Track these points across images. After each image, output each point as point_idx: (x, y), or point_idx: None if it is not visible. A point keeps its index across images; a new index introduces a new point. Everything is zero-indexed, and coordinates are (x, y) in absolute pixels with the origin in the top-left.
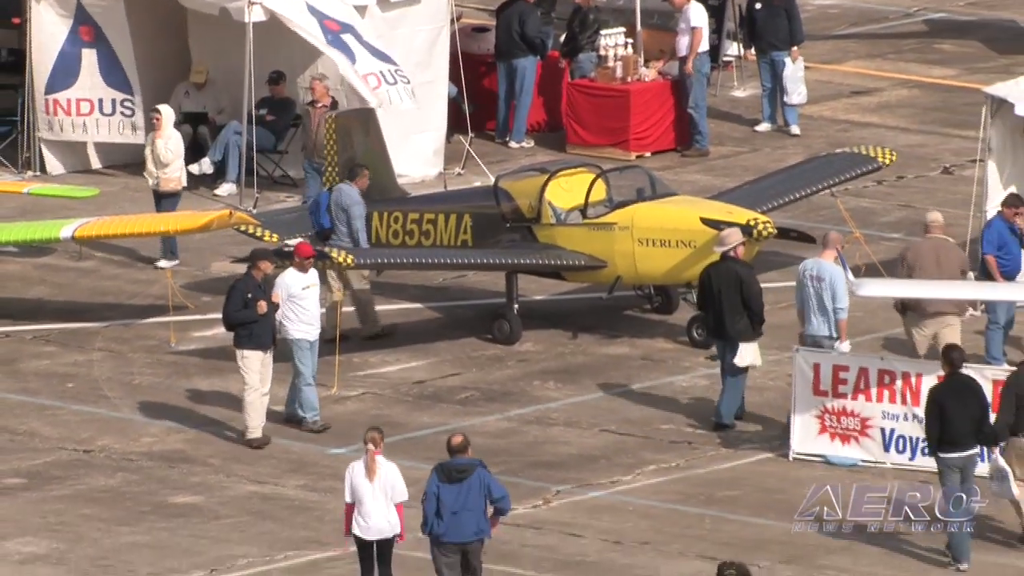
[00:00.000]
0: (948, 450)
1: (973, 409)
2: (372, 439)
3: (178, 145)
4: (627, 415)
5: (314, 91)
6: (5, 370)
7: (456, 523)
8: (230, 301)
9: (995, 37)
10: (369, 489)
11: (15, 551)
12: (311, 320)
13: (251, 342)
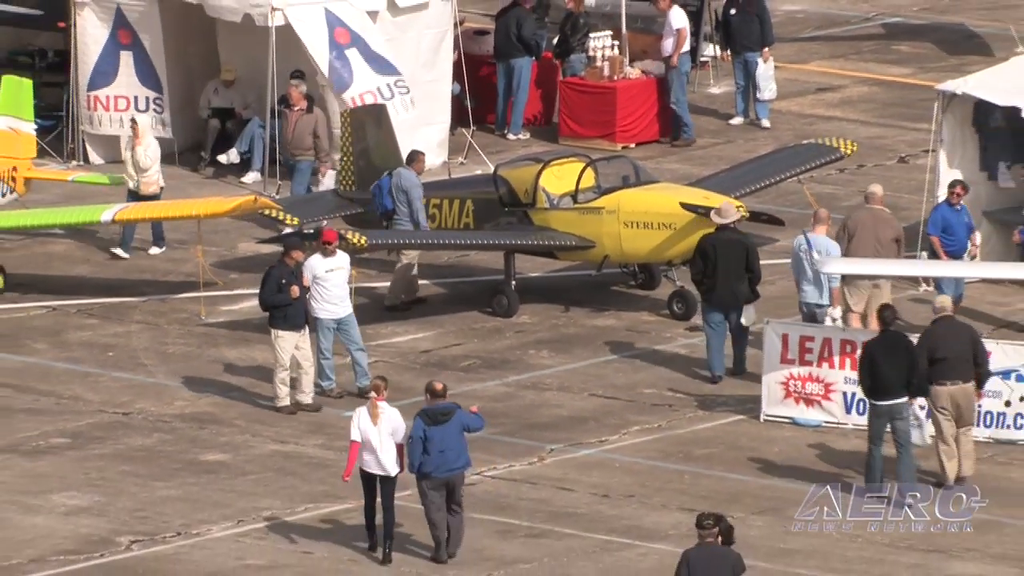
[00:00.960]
0: (879, 398)
1: (902, 362)
2: (376, 386)
3: (156, 152)
4: (614, 381)
5: (290, 95)
6: (52, 340)
7: (443, 459)
8: (266, 286)
9: (946, 39)
10: (374, 431)
11: (61, 504)
12: (335, 300)
13: (285, 323)
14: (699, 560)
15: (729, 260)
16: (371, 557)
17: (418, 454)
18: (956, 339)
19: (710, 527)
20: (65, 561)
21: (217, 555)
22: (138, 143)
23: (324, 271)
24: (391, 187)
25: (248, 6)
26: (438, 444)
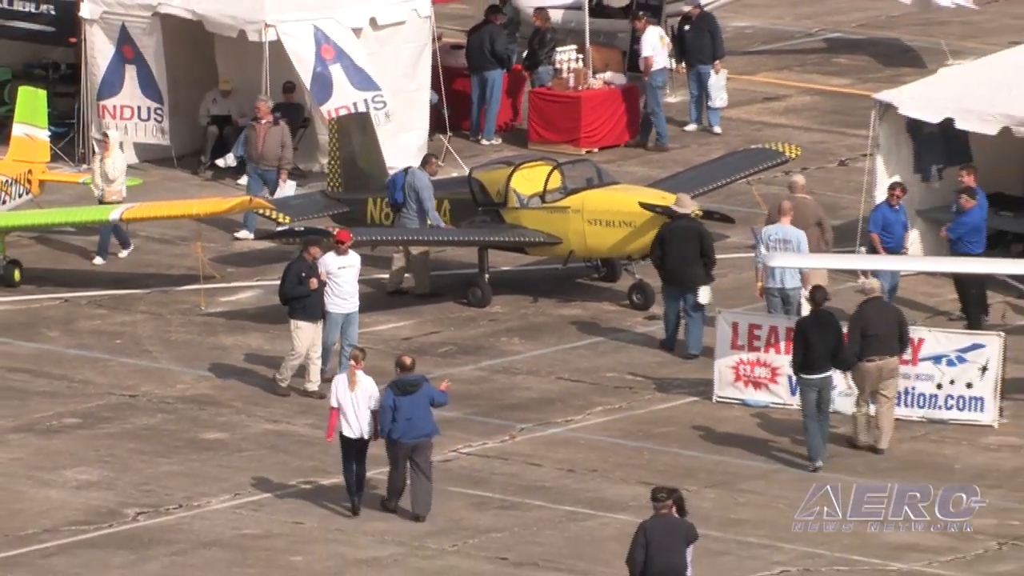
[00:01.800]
0: (809, 372)
1: (831, 339)
2: (354, 356)
3: (122, 164)
4: (578, 365)
5: (259, 110)
6: (64, 329)
7: (410, 426)
8: (286, 279)
9: (883, 52)
10: (351, 397)
11: (73, 479)
12: (345, 296)
13: (304, 314)
14: (655, 529)
15: (685, 246)
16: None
17: (388, 421)
18: (884, 319)
19: (664, 499)
20: (76, 531)
21: (216, 525)
22: (107, 155)
23: (337, 268)
24: (404, 184)
25: (243, 22)
26: (406, 413)
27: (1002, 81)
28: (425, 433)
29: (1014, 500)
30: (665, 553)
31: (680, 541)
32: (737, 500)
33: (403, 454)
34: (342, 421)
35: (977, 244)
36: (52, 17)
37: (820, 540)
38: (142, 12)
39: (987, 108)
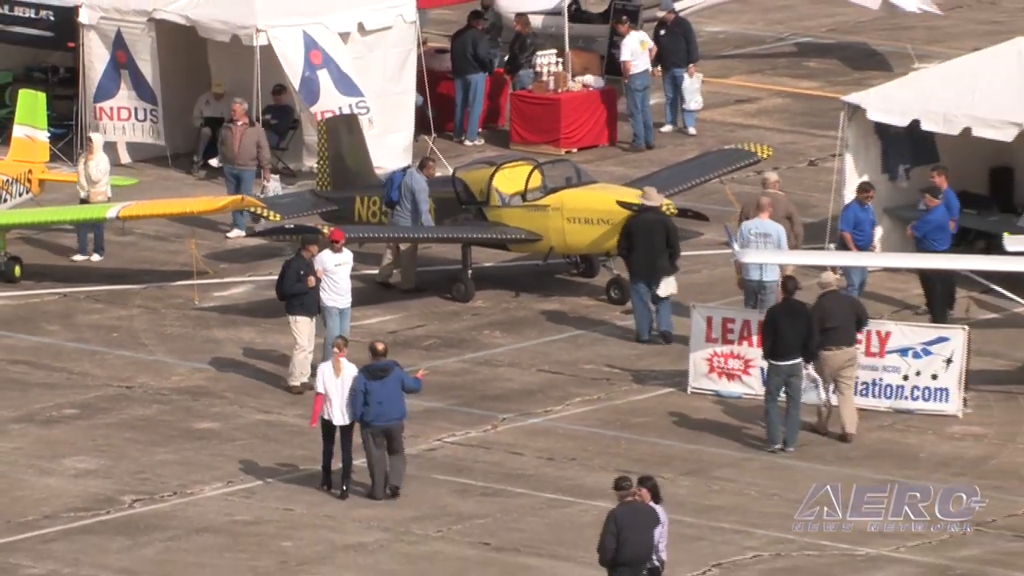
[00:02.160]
0: (779, 358)
1: (800, 327)
2: (338, 344)
3: (106, 166)
4: (558, 358)
5: (235, 112)
6: (63, 323)
7: (381, 410)
8: (285, 277)
9: (851, 56)
10: (335, 383)
11: (71, 467)
12: (341, 292)
13: (302, 310)
14: (624, 516)
15: (652, 238)
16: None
17: (359, 405)
18: (841, 310)
19: (628, 487)
20: (75, 517)
21: (208, 512)
22: (91, 158)
23: (333, 265)
24: (401, 184)
25: (235, 27)
26: (377, 396)
27: (966, 84)
28: (396, 417)
29: (978, 487)
30: (635, 539)
31: (648, 526)
32: (711, 487)
33: (375, 437)
34: (327, 407)
35: (942, 241)
36: (51, 22)
37: (789, 526)
38: (137, 18)
39: (951, 110)
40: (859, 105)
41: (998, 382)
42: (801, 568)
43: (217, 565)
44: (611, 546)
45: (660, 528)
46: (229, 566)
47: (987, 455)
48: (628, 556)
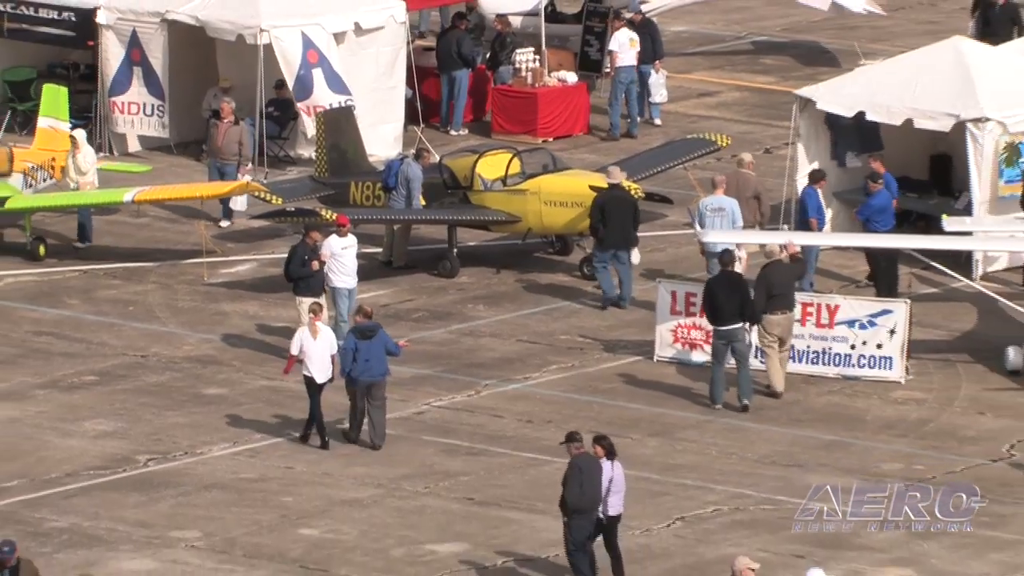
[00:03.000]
0: (720, 324)
1: (737, 296)
2: (313, 310)
3: (92, 159)
4: (536, 329)
5: (222, 109)
6: (83, 297)
7: (367, 367)
8: (292, 261)
9: (803, 54)
10: (314, 344)
11: (91, 429)
12: (348, 273)
13: (308, 291)
14: (585, 464)
15: (623, 211)
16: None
17: (349, 362)
18: (784, 278)
19: (579, 439)
20: (95, 475)
21: (216, 470)
22: (78, 152)
23: (340, 248)
24: (398, 171)
25: (241, 28)
26: (364, 355)
27: (907, 79)
28: (380, 373)
29: (918, 447)
30: (592, 486)
31: (599, 478)
32: (675, 447)
33: (361, 391)
34: (307, 365)
35: (884, 223)
36: (72, 23)
37: (748, 483)
38: (151, 18)
39: (894, 102)
40: (810, 98)
41: (937, 351)
42: (758, 521)
43: (224, 518)
44: (576, 492)
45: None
46: (235, 519)
47: (927, 418)
48: (586, 503)
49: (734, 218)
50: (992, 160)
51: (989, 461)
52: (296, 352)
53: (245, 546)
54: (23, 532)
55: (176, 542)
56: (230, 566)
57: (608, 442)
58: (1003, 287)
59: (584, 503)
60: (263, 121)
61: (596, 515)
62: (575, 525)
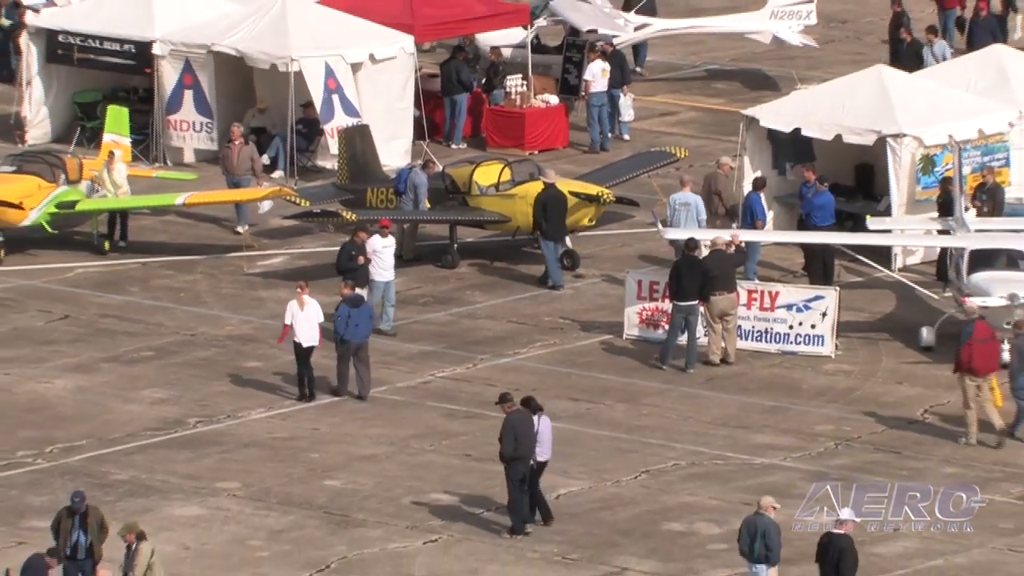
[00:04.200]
0: (681, 300)
1: (697, 277)
2: (300, 285)
3: (125, 173)
4: (523, 311)
5: (232, 134)
6: (141, 286)
7: (356, 331)
8: (341, 256)
9: (749, 79)
10: (301, 315)
11: (148, 396)
12: (386, 268)
13: (353, 282)
14: (517, 421)
15: (559, 207)
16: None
17: (342, 327)
18: (725, 265)
19: (510, 399)
20: (151, 435)
21: (254, 431)
22: (113, 168)
23: (381, 247)
24: (407, 179)
25: (274, 57)
26: (354, 320)
27: (836, 101)
28: (365, 335)
29: (846, 412)
30: (525, 437)
31: (532, 430)
32: (641, 411)
33: (350, 351)
34: (295, 332)
35: (825, 219)
36: (132, 53)
37: (703, 441)
38: (200, 50)
39: (825, 120)
40: (754, 117)
41: (862, 331)
42: (711, 473)
43: (260, 472)
44: (511, 445)
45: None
46: (269, 472)
47: (853, 387)
48: (522, 452)
49: (698, 211)
50: (909, 169)
51: (906, 423)
52: (289, 321)
53: (278, 495)
54: (91, 484)
55: (219, 491)
56: (265, 512)
57: (534, 401)
58: (919, 276)
59: (519, 452)
60: (293, 136)
61: (530, 462)
62: (512, 470)
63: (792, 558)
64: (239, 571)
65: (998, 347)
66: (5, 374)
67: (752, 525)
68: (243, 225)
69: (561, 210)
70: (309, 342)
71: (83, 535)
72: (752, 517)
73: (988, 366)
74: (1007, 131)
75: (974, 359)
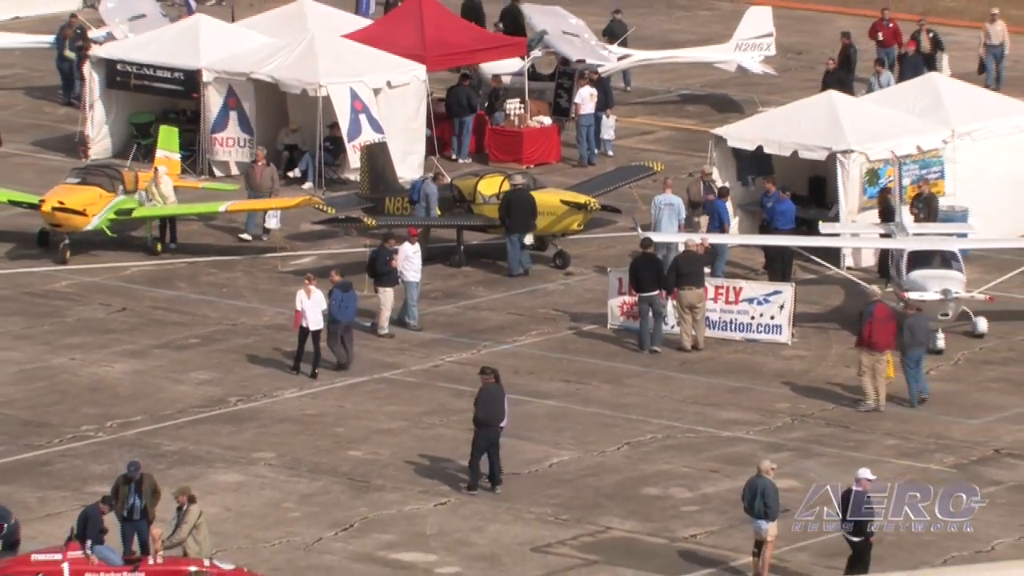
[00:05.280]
0: (642, 291)
1: (653, 271)
2: (308, 278)
3: (171, 185)
4: (521, 304)
5: (258, 155)
6: (189, 282)
7: (346, 312)
8: (376, 260)
9: (717, 103)
10: (308, 302)
11: (195, 378)
12: (416, 270)
13: (387, 282)
14: (487, 393)
15: (524, 206)
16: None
17: (336, 309)
18: (693, 263)
19: (490, 373)
20: (197, 412)
21: (288, 408)
22: (160, 183)
23: (411, 252)
24: (420, 189)
25: (305, 84)
26: (344, 303)
27: (793, 122)
28: (352, 315)
29: (801, 392)
30: (491, 406)
31: (500, 399)
32: (623, 391)
33: (340, 330)
34: (304, 319)
35: (786, 223)
36: (182, 80)
37: (676, 417)
38: (240, 77)
39: (784, 139)
40: (722, 135)
41: (815, 321)
42: (684, 444)
43: (292, 443)
44: (481, 411)
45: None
46: (300, 443)
47: (807, 369)
48: (491, 419)
49: (679, 210)
50: (857, 181)
51: (853, 402)
52: (300, 308)
53: (308, 464)
54: (145, 454)
55: (257, 461)
56: (297, 478)
57: (496, 372)
58: (864, 274)
59: (490, 419)
60: (321, 152)
61: (498, 428)
62: (481, 435)
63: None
64: (274, 530)
65: (894, 326)
66: (71, 359)
67: (753, 486)
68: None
69: (524, 208)
70: (315, 325)
71: (138, 499)
72: (753, 479)
73: (886, 342)
74: (941, 148)
75: (874, 336)
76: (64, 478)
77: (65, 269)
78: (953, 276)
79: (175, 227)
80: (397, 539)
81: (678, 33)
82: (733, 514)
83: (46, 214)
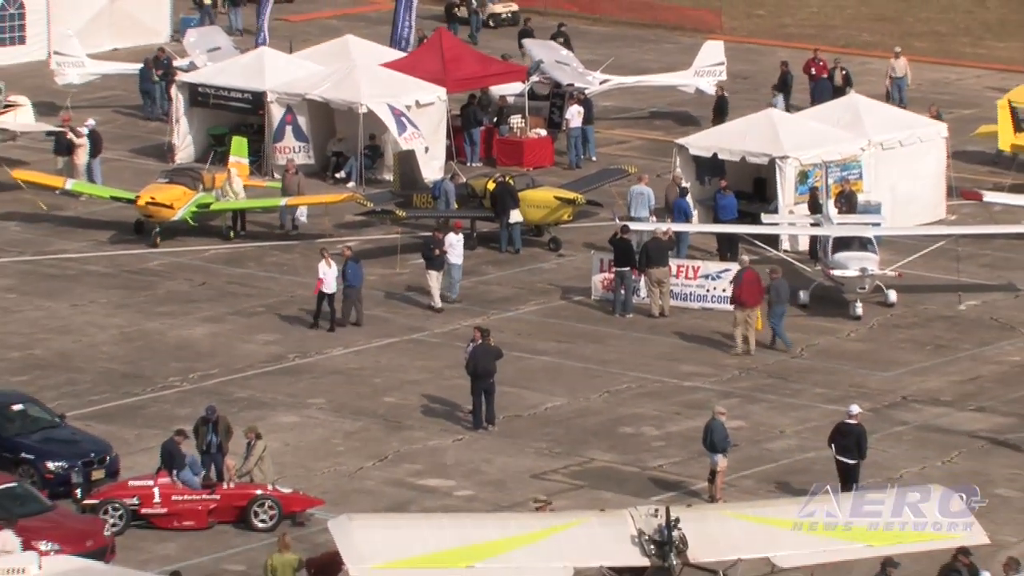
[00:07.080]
0: (617, 267)
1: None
2: (322, 250)
3: (241, 184)
4: (522, 279)
5: (288, 167)
6: (256, 262)
7: (356, 278)
8: (426, 247)
9: (680, 118)
10: (328, 271)
11: (260, 339)
12: (458, 255)
13: (434, 266)
14: (478, 351)
15: (506, 196)
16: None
17: (351, 275)
18: (659, 248)
19: (485, 334)
20: (262, 366)
21: (335, 363)
22: (232, 182)
23: (455, 240)
24: (441, 187)
25: (349, 103)
26: (354, 271)
27: (742, 133)
28: (359, 283)
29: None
30: (483, 362)
31: (492, 358)
32: (605, 349)
33: (353, 294)
34: (325, 285)
35: (729, 214)
36: (250, 99)
37: (647, 370)
38: (297, 97)
39: (734, 147)
40: (684, 144)
41: None
42: (653, 392)
43: (339, 391)
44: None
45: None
46: (345, 391)
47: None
48: (479, 371)
49: (650, 199)
50: (792, 181)
51: (790, 358)
52: (322, 276)
53: (351, 408)
54: (220, 399)
55: (310, 405)
56: (342, 419)
57: (487, 331)
58: (797, 256)
59: (480, 372)
60: (362, 158)
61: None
62: (476, 386)
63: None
64: (324, 460)
65: (761, 288)
66: (161, 323)
67: (708, 427)
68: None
69: (507, 198)
70: (330, 289)
71: (215, 436)
72: (709, 421)
73: (754, 300)
74: (860, 154)
75: (744, 295)
76: (155, 419)
77: (156, 252)
78: (869, 257)
79: (245, 218)
80: (423, 468)
81: (648, 62)
82: (693, 448)
83: (140, 207)
